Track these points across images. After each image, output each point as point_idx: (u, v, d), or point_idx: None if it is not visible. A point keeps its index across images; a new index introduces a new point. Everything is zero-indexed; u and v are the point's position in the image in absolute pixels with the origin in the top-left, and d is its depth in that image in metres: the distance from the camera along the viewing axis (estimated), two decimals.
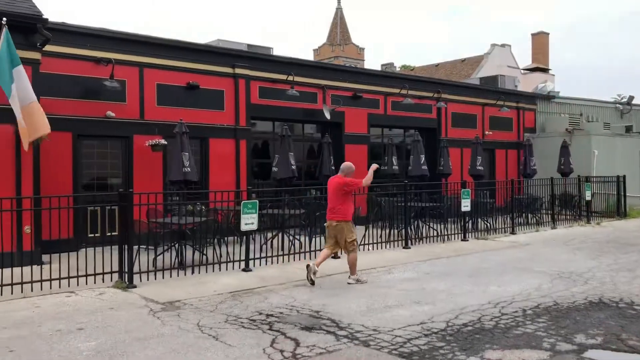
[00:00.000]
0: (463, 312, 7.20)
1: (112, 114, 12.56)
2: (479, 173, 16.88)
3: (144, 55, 13.18)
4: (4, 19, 8.96)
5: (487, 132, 21.18)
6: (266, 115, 15.87)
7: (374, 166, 9.33)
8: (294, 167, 12.98)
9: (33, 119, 9.10)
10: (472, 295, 8.17)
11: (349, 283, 9.02)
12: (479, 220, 14.93)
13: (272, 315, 7.10)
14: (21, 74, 9.02)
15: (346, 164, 9.42)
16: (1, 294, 7.86)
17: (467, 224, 14.19)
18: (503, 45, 42.13)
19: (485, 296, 8.07)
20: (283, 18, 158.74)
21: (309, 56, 73.79)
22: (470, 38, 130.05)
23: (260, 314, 7.20)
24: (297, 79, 15.69)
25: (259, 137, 16.56)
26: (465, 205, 13.78)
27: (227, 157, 14.59)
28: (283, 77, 15.56)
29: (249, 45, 16.34)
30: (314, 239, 11.51)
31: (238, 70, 14.75)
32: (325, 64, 26.40)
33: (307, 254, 10.95)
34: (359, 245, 11.74)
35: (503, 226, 15.29)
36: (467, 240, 13.87)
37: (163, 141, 12.85)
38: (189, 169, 11.11)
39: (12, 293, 7.95)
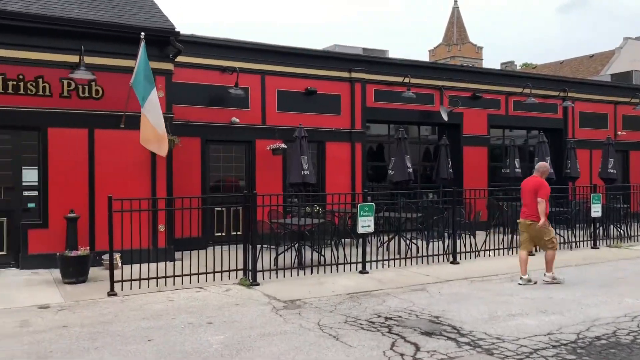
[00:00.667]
0: (595, 324, 6.73)
1: (237, 120, 13.22)
2: (610, 176, 15.68)
3: (266, 63, 13.73)
4: (142, 33, 9.74)
5: (620, 133, 19.65)
6: (381, 118, 15.86)
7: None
8: (410, 169, 12.86)
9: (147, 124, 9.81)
10: (605, 306, 7.62)
11: (545, 281, 9.13)
12: (611, 226, 13.87)
13: (390, 319, 7.09)
14: (153, 85, 9.77)
15: (542, 164, 9.79)
16: (139, 287, 8.55)
17: (597, 231, 13.25)
18: (638, 39, 38.87)
19: (620, 308, 7.50)
20: (398, 20, 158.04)
21: (424, 57, 72.76)
22: (597, 32, 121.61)
23: (379, 316, 7.21)
24: (413, 80, 15.53)
25: (374, 140, 16.59)
26: (596, 210, 12.87)
27: (343, 160, 14.78)
28: (399, 79, 15.49)
29: (364, 49, 16.45)
30: (431, 243, 11.34)
31: (354, 75, 14.90)
32: (441, 64, 25.94)
33: (424, 259, 10.81)
34: (480, 251, 11.42)
35: (639, 234, 14.10)
36: (598, 248, 12.95)
37: (283, 145, 13.29)
38: (307, 172, 11.41)
39: (148, 287, 8.61)
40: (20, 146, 10.26)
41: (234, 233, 11.53)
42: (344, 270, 10.00)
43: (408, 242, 11.66)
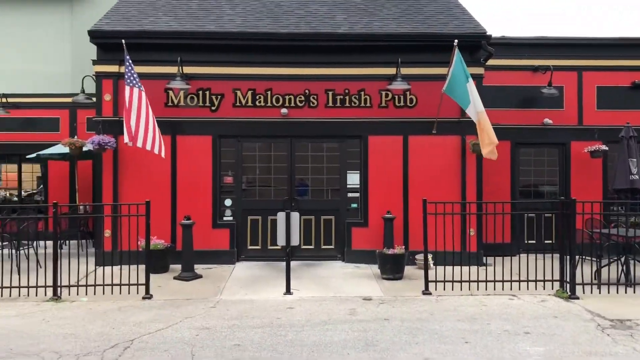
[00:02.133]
0: None
1: (550, 121, 12.47)
2: None
3: (583, 58, 12.64)
4: (456, 40, 9.95)
5: None
6: None
7: None
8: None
9: (481, 128, 9.75)
10: None
11: None
12: None
13: None
14: (473, 88, 9.82)
15: None
16: (452, 289, 8.72)
17: None
18: None
19: None
20: None
21: None
22: None
23: None
24: None
25: None
26: None
27: None
28: None
29: None
30: None
31: None
32: None
33: None
34: None
35: None
36: None
37: (603, 147, 12.03)
38: (637, 177, 10.10)
39: (461, 289, 8.72)
40: (346, 153, 11.48)
41: (548, 241, 10.89)
42: None
43: None
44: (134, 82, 9.77)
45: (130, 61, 9.83)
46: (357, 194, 11.44)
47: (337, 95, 11.29)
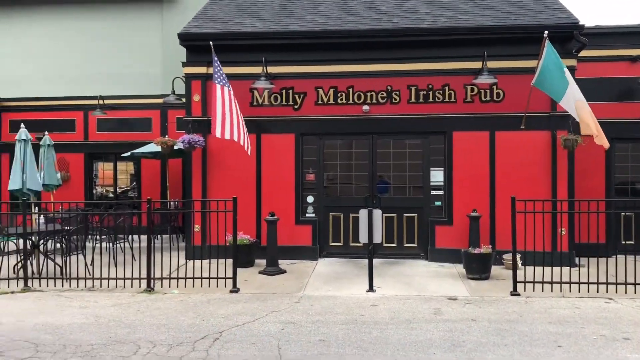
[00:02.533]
0: None
1: None
2: None
3: None
4: (546, 32, 9.53)
5: None
6: None
7: None
8: None
9: (580, 115, 9.28)
10: None
11: None
12: None
13: None
14: (570, 77, 9.37)
15: None
16: (542, 290, 8.37)
17: None
18: None
19: None
20: None
21: None
22: None
23: None
24: None
25: None
26: None
27: None
28: None
29: None
30: None
31: None
32: None
33: None
34: None
35: None
36: None
37: None
38: None
39: (551, 290, 8.36)
40: (429, 149, 11.29)
41: None
42: None
43: None
44: (223, 81, 10.09)
45: (217, 61, 10.16)
46: (441, 192, 11.22)
47: (420, 90, 11.12)
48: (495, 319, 7.15)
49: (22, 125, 10.93)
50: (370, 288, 8.70)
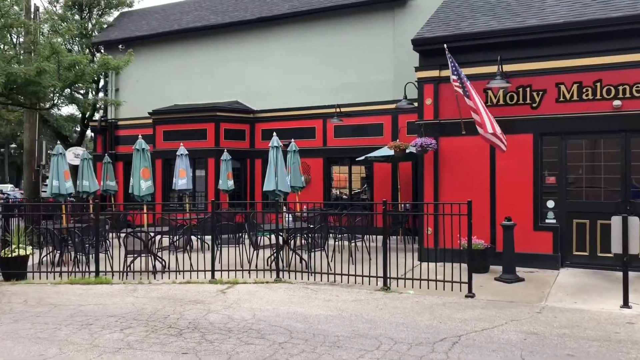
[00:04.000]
0: None
1: None
2: None
3: None
4: None
5: None
6: None
7: None
8: None
9: None
10: None
11: None
12: None
13: None
14: None
15: None
16: None
17: None
18: None
19: None
20: None
21: None
22: None
23: None
24: None
25: None
26: None
27: None
28: None
29: None
30: None
31: None
32: None
33: None
34: None
35: None
36: None
37: None
38: None
39: None
40: None
41: None
42: None
43: None
44: (463, 78, 9.96)
45: (453, 60, 10.08)
46: None
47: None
48: None
49: (274, 133, 12.22)
50: (625, 304, 7.80)
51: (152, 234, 10.63)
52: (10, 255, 10.41)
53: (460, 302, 8.28)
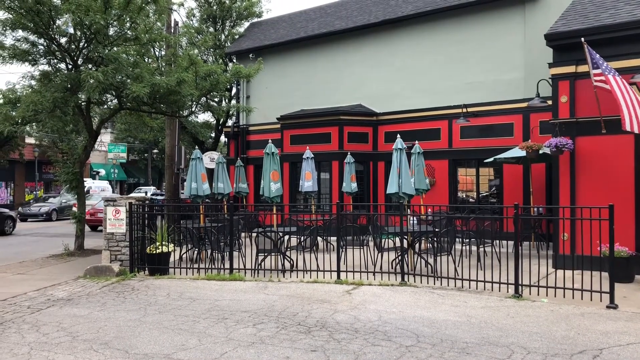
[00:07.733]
0: None
1: None
2: None
3: None
4: None
5: None
6: None
7: None
8: None
9: None
10: None
11: None
12: None
13: None
14: None
15: None
16: None
17: None
18: None
19: None
20: None
21: None
22: None
23: None
24: None
25: None
26: None
27: None
28: None
29: None
30: None
31: None
32: None
33: None
34: None
35: None
36: None
37: None
38: None
39: None
40: None
41: None
42: None
43: None
44: (612, 71, 9.26)
45: (596, 54, 9.39)
46: None
47: None
48: None
49: (398, 135, 12.17)
50: None
51: (280, 234, 11.05)
52: (155, 252, 11.34)
53: (601, 313, 7.70)
